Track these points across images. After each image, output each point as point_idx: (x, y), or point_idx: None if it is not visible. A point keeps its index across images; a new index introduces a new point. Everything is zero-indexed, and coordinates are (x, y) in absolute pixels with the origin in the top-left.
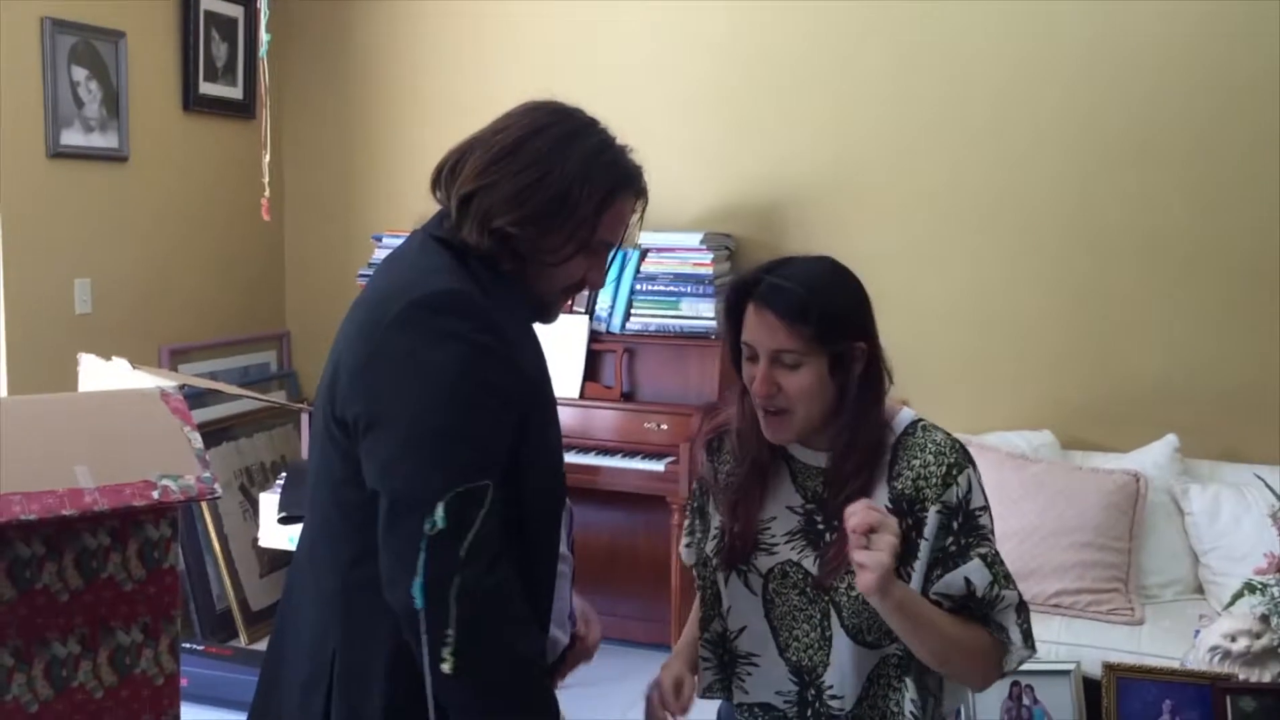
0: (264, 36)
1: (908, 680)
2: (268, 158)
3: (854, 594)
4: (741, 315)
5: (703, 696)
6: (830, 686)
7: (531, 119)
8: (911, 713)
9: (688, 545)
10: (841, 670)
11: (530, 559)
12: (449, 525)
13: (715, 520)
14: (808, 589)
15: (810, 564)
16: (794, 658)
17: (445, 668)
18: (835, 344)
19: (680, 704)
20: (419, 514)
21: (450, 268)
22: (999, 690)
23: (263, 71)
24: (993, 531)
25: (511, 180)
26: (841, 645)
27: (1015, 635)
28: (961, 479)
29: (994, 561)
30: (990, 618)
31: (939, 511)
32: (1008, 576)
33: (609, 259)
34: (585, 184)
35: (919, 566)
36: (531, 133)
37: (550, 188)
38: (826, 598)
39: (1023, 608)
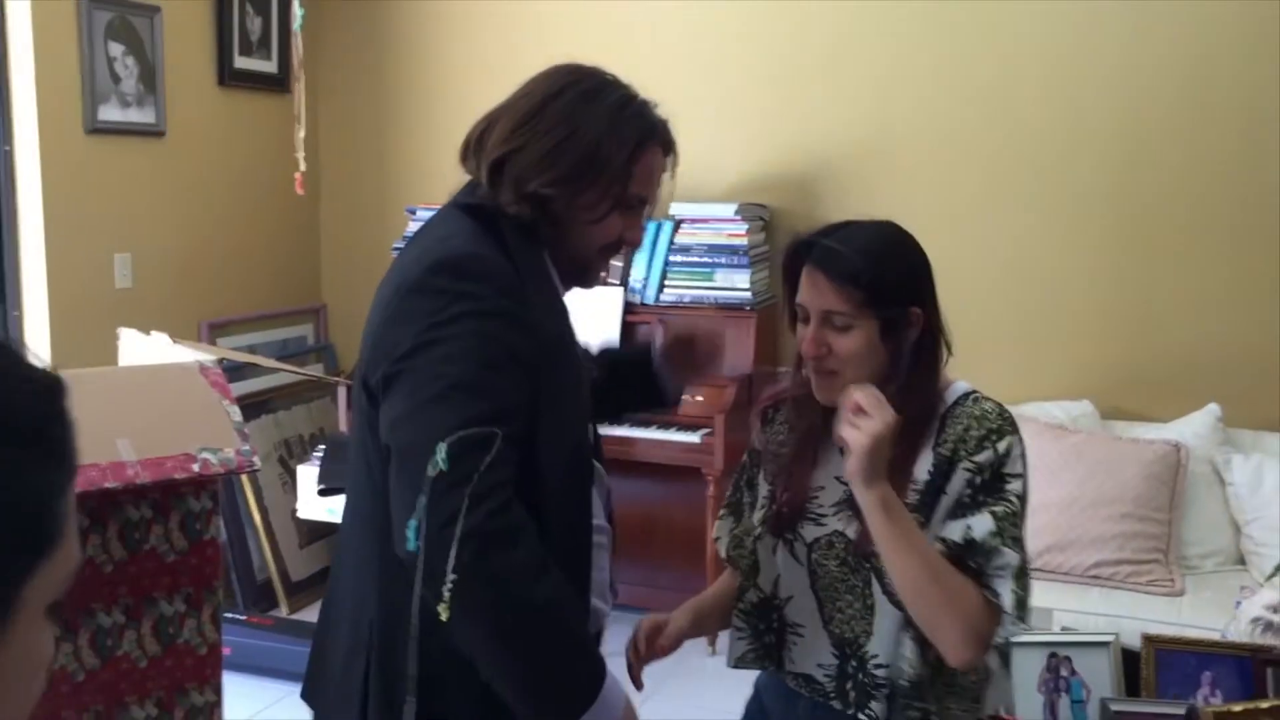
0: (297, 10)
1: None
2: (302, 132)
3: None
4: (798, 278)
5: (734, 666)
6: (875, 655)
7: (552, 81)
8: (956, 680)
9: (723, 524)
10: (885, 638)
11: (560, 529)
12: (451, 468)
13: (764, 490)
14: (849, 558)
15: (854, 533)
16: (837, 630)
17: (442, 614)
18: (887, 309)
19: (654, 647)
20: (423, 459)
21: (472, 232)
22: (1036, 661)
23: (296, 45)
24: (1022, 503)
25: (539, 142)
26: (885, 612)
27: (1007, 598)
28: (1001, 444)
29: (1005, 519)
30: (985, 573)
31: (966, 469)
32: (1017, 540)
33: (645, 216)
34: (613, 138)
35: (935, 519)
36: (554, 94)
37: (579, 145)
38: (868, 565)
39: (1023, 574)
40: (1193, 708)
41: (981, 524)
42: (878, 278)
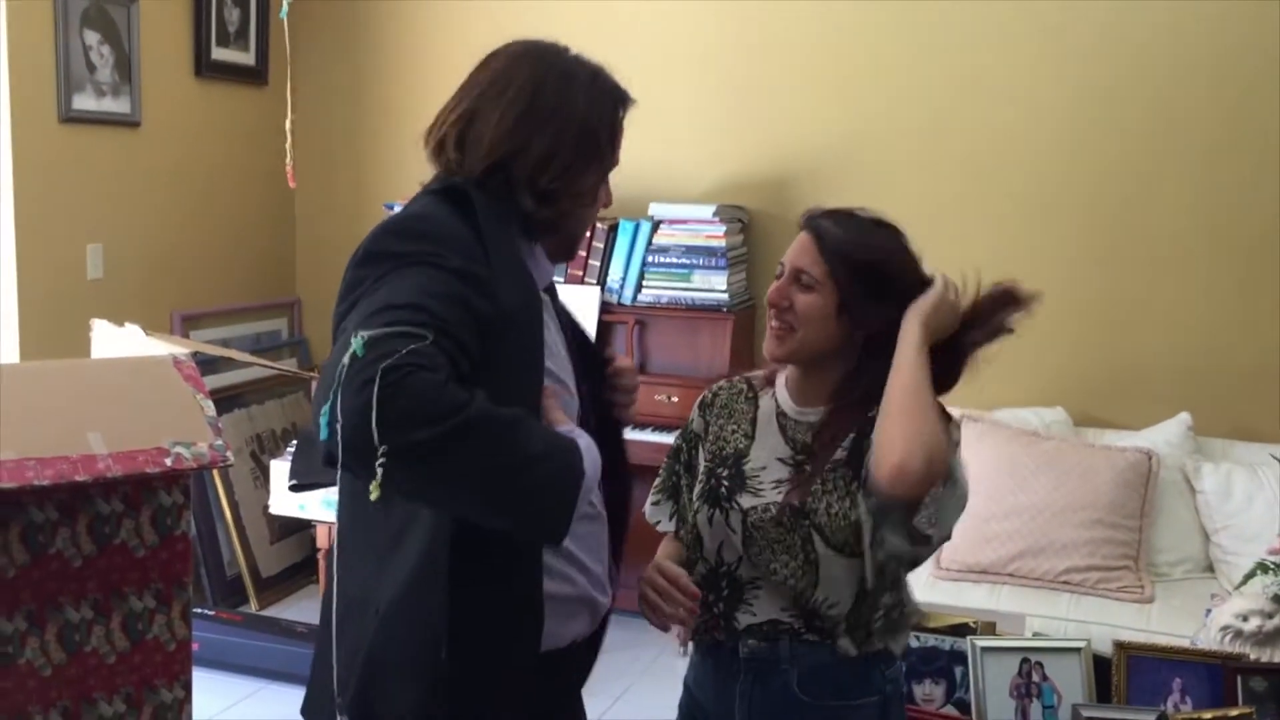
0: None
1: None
2: (290, 121)
3: (834, 511)
4: None
5: (696, 640)
6: (825, 598)
7: (530, 67)
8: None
9: (661, 508)
10: (832, 584)
11: None
12: (367, 351)
13: (702, 467)
14: (785, 518)
15: (790, 498)
16: (780, 584)
17: (373, 492)
18: (848, 287)
19: (689, 593)
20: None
21: (433, 205)
22: (1007, 668)
23: (280, 35)
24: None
25: (539, 139)
26: (829, 563)
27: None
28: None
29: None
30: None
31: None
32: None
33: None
34: (598, 118)
35: (840, 475)
36: (539, 81)
37: (574, 134)
38: (806, 522)
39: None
40: (1163, 714)
41: (894, 506)
42: (849, 256)
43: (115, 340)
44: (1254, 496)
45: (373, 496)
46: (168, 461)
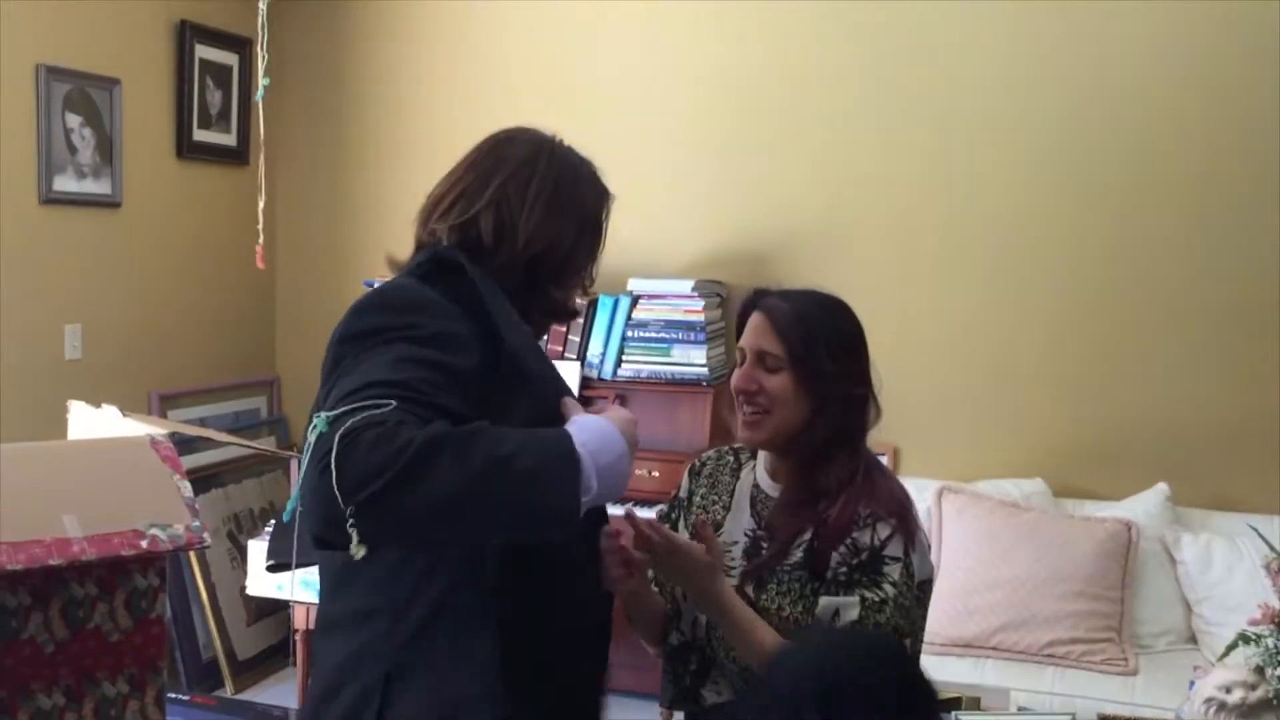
0: (261, 80)
1: None
2: (263, 203)
3: (785, 615)
4: (745, 325)
5: (666, 707)
6: None
7: (545, 161)
8: None
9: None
10: None
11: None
12: (329, 429)
13: (685, 538)
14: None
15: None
16: (742, 664)
17: (356, 552)
18: (809, 363)
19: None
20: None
21: (408, 280)
22: None
23: (258, 116)
24: (902, 589)
25: (566, 234)
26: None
27: None
28: (881, 527)
29: (875, 609)
30: None
31: (846, 546)
32: (879, 628)
33: None
34: (600, 207)
35: (798, 578)
36: (557, 178)
37: (590, 227)
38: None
39: None
40: None
41: (849, 613)
42: (808, 333)
43: (92, 421)
44: (1234, 567)
45: (356, 556)
46: (143, 544)
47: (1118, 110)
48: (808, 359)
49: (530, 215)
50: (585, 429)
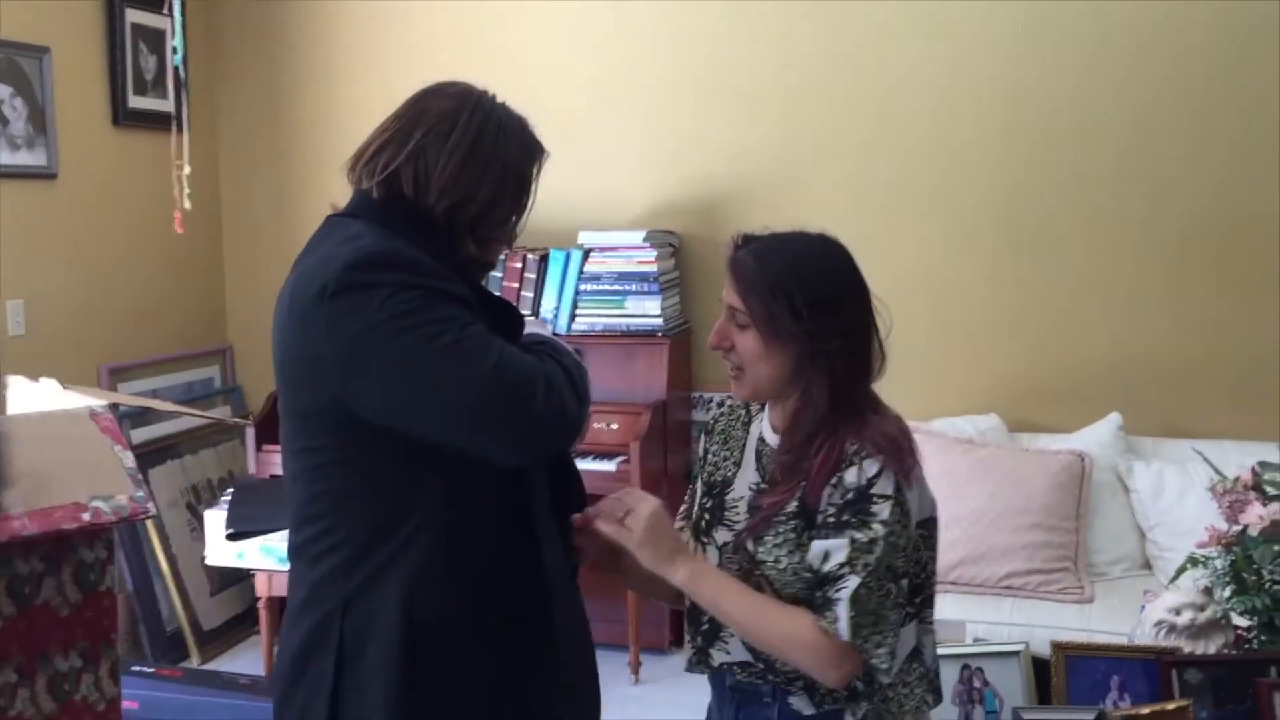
0: (173, 43)
1: None
2: (187, 169)
3: (783, 566)
4: None
5: (687, 670)
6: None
7: (472, 115)
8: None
9: (680, 530)
10: None
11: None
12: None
13: (699, 494)
14: (742, 562)
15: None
16: None
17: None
18: (772, 325)
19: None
20: (481, 406)
21: (372, 231)
22: (949, 675)
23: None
24: (895, 527)
25: (484, 190)
26: None
27: (842, 616)
28: (868, 464)
29: (864, 549)
30: (828, 597)
31: (832, 485)
32: (870, 568)
33: None
34: (526, 165)
35: (792, 527)
36: (480, 131)
37: (510, 181)
38: (758, 572)
39: (860, 600)
40: (1102, 713)
41: (839, 554)
42: (771, 292)
43: (31, 396)
44: (1185, 493)
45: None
46: (86, 517)
47: (1064, 43)
48: (770, 319)
49: (446, 167)
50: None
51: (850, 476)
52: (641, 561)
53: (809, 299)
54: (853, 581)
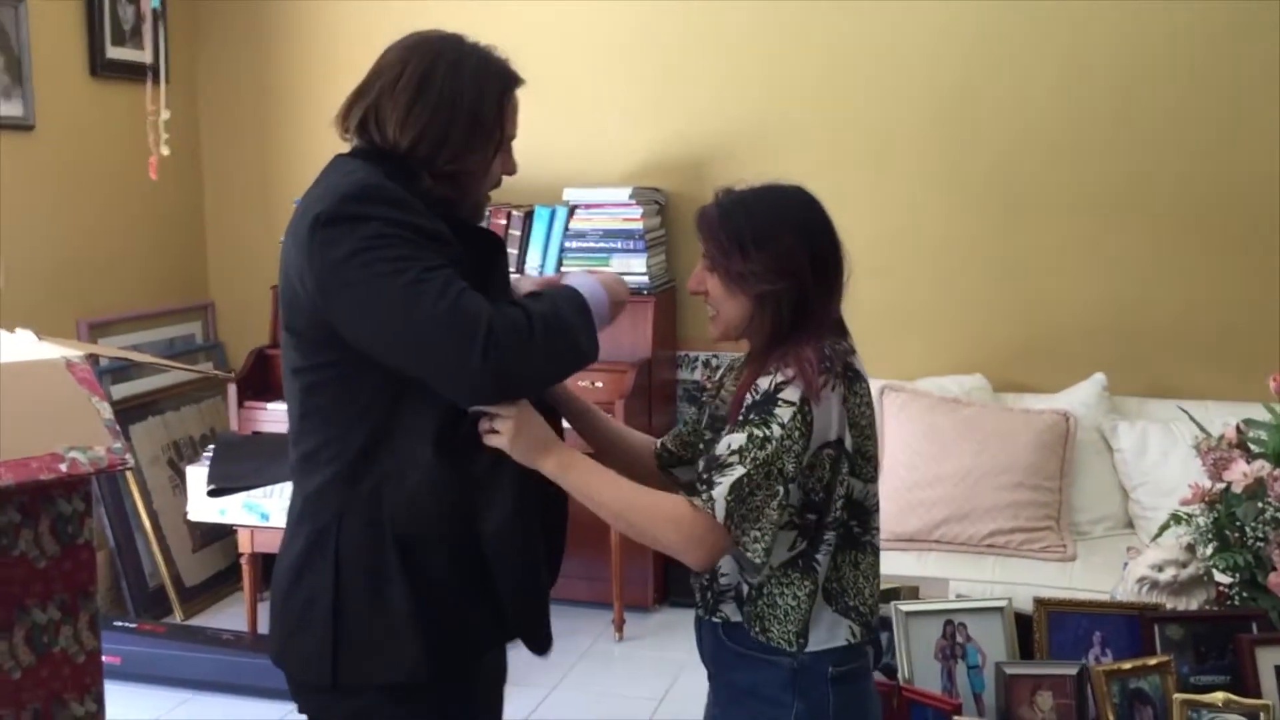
0: None
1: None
2: (166, 115)
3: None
4: None
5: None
6: (720, 566)
7: (421, 58)
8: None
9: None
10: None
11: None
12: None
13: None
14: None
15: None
16: None
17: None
18: (725, 265)
19: None
20: (432, 341)
21: (363, 169)
22: (932, 631)
23: (152, 28)
24: (792, 432)
25: (432, 125)
26: None
27: (719, 498)
28: (780, 374)
29: (758, 444)
30: (711, 481)
31: (751, 391)
32: (758, 463)
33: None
34: (483, 100)
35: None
36: (427, 72)
37: (462, 116)
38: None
39: (741, 487)
40: (1084, 667)
41: (735, 442)
42: (724, 233)
43: (7, 346)
44: (1169, 452)
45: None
46: (63, 467)
47: (1050, 7)
48: (724, 259)
49: (394, 110)
50: (584, 285)
51: (763, 383)
52: (515, 457)
53: (756, 239)
54: (738, 471)
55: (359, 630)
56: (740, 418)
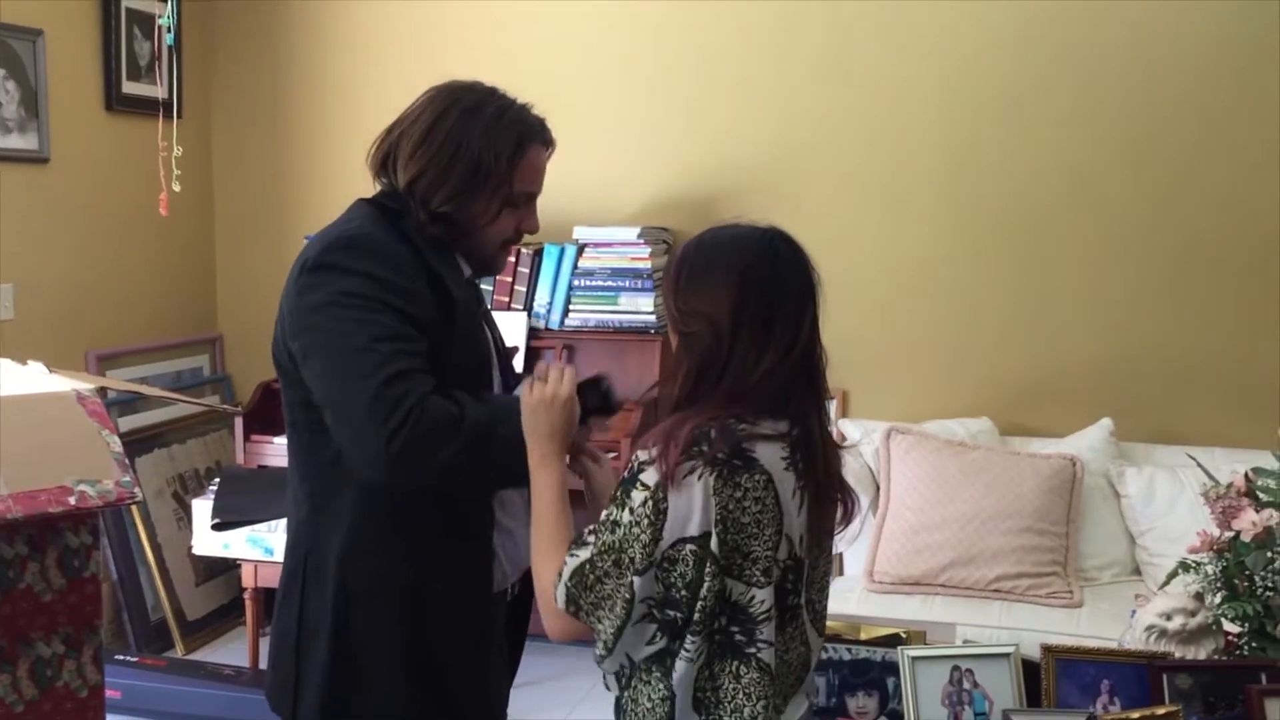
0: (160, 20)
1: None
2: (177, 152)
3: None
4: None
5: None
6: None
7: (438, 102)
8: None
9: None
10: None
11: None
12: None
13: None
14: None
15: None
16: None
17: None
18: (669, 298)
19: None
20: (350, 407)
21: (366, 217)
22: (939, 676)
23: (164, 62)
24: (641, 520)
25: (433, 164)
26: None
27: (564, 576)
28: (643, 453)
29: (607, 528)
30: (568, 554)
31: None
32: (603, 549)
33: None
34: (491, 147)
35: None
36: (440, 115)
37: (464, 161)
38: None
39: (585, 573)
40: (1092, 716)
41: (603, 513)
42: (673, 269)
43: (18, 378)
44: (1176, 499)
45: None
46: (71, 500)
47: (1065, 50)
48: (669, 294)
49: (404, 147)
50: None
51: (637, 456)
52: (526, 425)
53: (690, 274)
54: (585, 553)
55: (314, 672)
56: (614, 491)
